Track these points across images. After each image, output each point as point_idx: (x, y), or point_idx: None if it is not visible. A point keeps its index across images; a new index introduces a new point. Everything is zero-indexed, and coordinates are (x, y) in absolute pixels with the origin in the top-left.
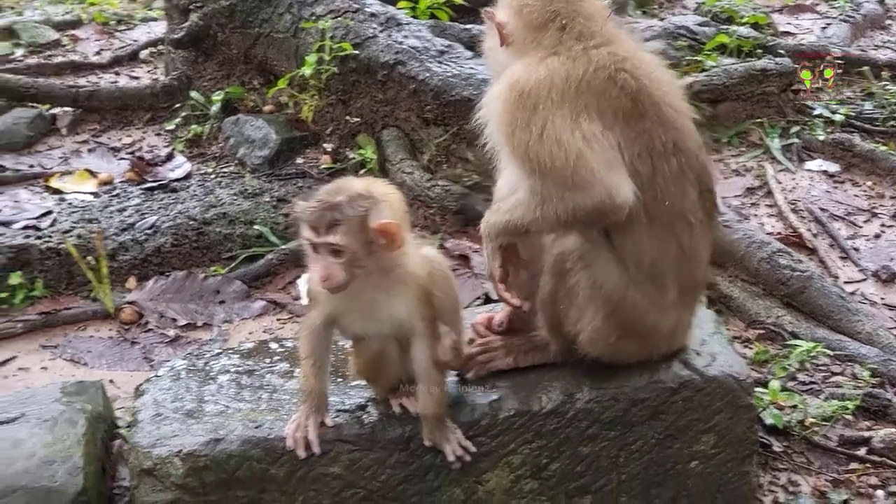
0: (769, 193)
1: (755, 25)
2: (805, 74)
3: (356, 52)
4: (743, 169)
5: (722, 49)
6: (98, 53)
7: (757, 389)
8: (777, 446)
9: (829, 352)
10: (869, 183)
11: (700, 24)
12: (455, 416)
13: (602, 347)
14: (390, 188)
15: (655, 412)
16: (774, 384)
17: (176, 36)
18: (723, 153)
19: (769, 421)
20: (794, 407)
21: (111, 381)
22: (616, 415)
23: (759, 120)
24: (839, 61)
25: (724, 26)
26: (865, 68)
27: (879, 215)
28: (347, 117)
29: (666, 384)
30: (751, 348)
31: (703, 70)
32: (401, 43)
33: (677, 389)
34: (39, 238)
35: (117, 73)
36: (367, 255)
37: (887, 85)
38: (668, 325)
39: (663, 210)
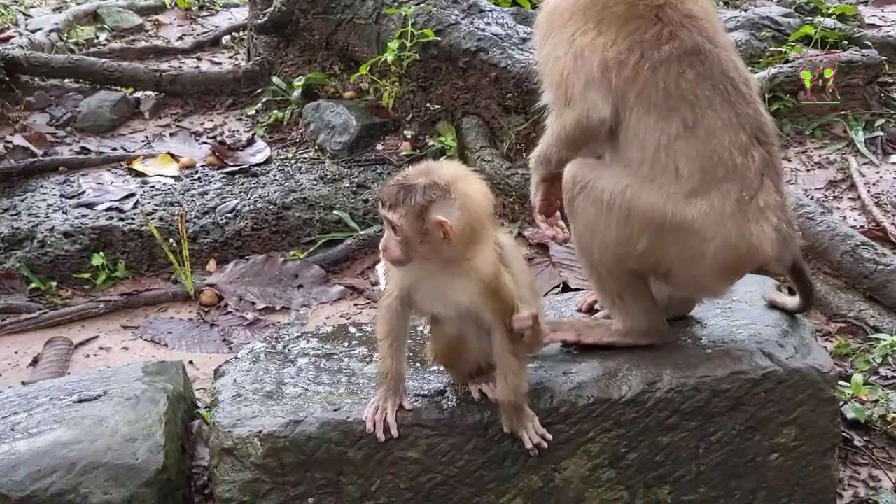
0: (852, 187)
1: (841, 17)
2: (805, 74)
3: (438, 38)
4: (826, 162)
5: (806, 40)
6: (180, 38)
7: (844, 384)
8: (858, 441)
9: None
10: None
11: (784, 15)
12: (534, 403)
13: (637, 263)
14: (477, 187)
15: (737, 403)
16: (857, 378)
17: (259, 21)
18: (806, 145)
19: (851, 415)
20: (876, 402)
21: (190, 363)
22: (697, 405)
23: (843, 112)
24: None
25: (809, 17)
26: None
27: None
28: (428, 104)
29: (748, 375)
30: (832, 342)
31: (787, 61)
32: (483, 30)
33: (759, 381)
34: (122, 220)
35: (199, 59)
36: (420, 243)
37: None
38: (701, 216)
39: (659, 96)
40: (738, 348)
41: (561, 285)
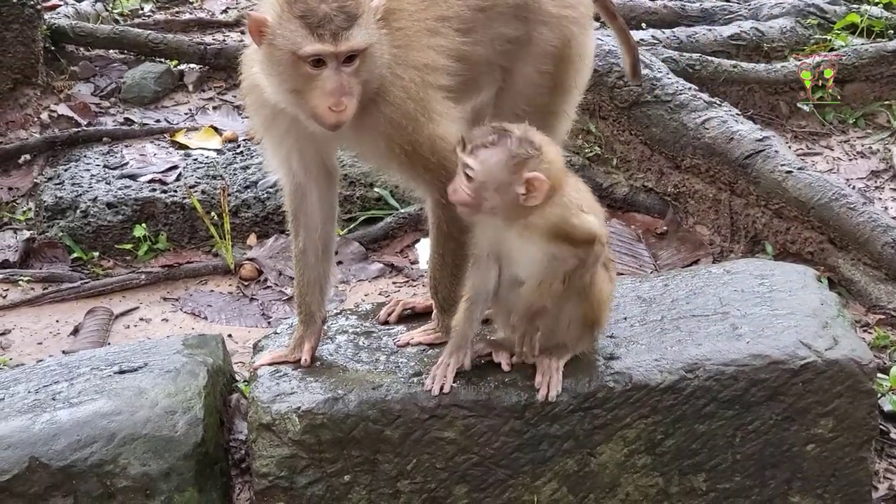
0: (895, 177)
1: (888, 6)
2: (805, 75)
3: None
4: (868, 151)
5: (852, 29)
6: (224, 11)
7: (881, 376)
8: (895, 433)
9: None
10: None
11: (830, 3)
12: (572, 387)
13: None
14: (559, 155)
15: (775, 393)
16: (895, 370)
17: None
18: (849, 134)
19: (888, 407)
20: None
21: (229, 336)
22: (735, 394)
23: (887, 102)
24: None
25: (856, 6)
26: None
27: None
28: None
29: (787, 366)
30: (870, 333)
31: (832, 49)
32: None
33: (798, 371)
34: (165, 192)
35: (243, 32)
36: (494, 191)
37: None
38: None
39: None
40: (776, 338)
41: None
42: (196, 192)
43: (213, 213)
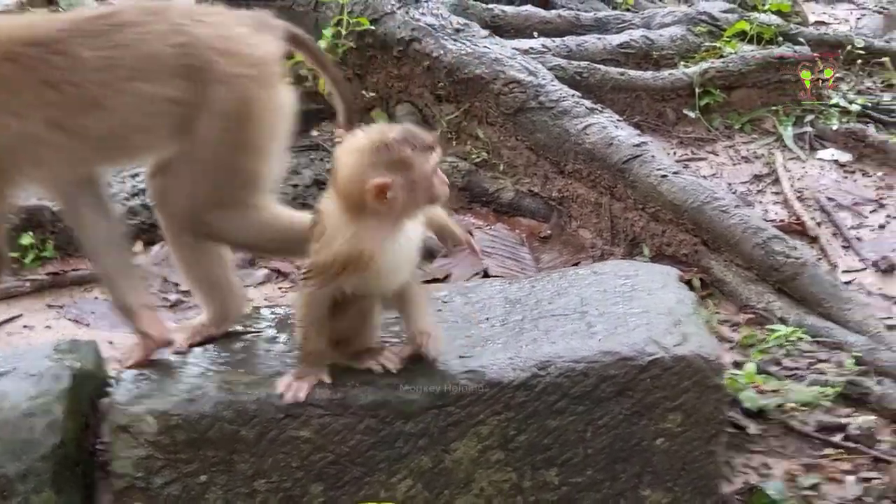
0: (777, 181)
1: (779, 13)
2: (805, 74)
3: (373, 27)
4: (753, 156)
5: (742, 36)
6: None
7: (738, 373)
8: (753, 429)
9: (809, 338)
10: (879, 173)
11: (725, 11)
12: (427, 384)
13: None
14: None
15: (624, 389)
16: (750, 367)
17: None
18: (734, 140)
19: (747, 404)
20: (776, 392)
21: (110, 343)
22: (585, 390)
23: (774, 108)
24: (860, 51)
25: (750, 13)
26: (886, 59)
27: (887, 206)
28: (363, 92)
29: (635, 362)
30: (739, 333)
31: (721, 56)
32: (417, 20)
33: (646, 367)
34: (52, 201)
35: None
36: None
37: None
38: None
39: None
40: (627, 335)
41: (482, 272)
42: None
43: None
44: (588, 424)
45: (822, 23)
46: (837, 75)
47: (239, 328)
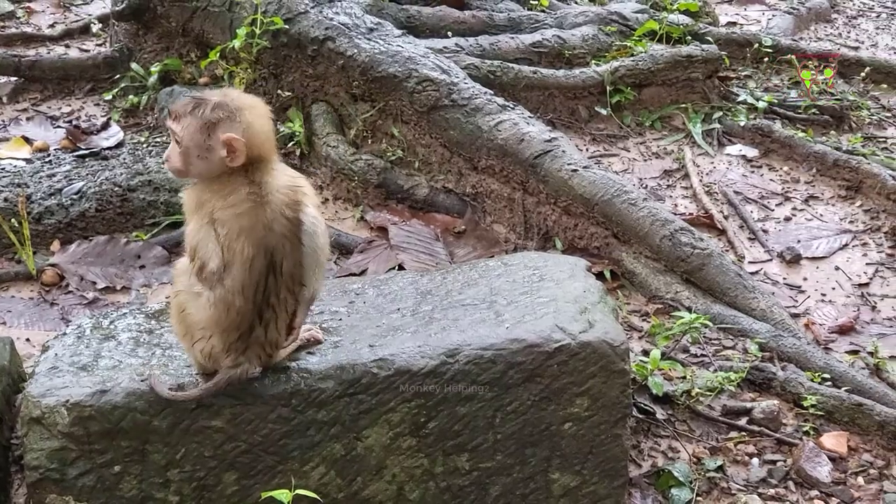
0: (686, 176)
1: (688, 13)
2: (805, 74)
3: (287, 26)
4: (663, 152)
5: (652, 35)
6: (51, 26)
7: (644, 359)
8: (661, 414)
9: (713, 325)
10: (785, 168)
11: (637, 12)
12: (337, 374)
13: None
14: (263, 118)
15: (532, 375)
16: (655, 353)
17: (117, 8)
18: (645, 136)
19: (654, 390)
20: (683, 378)
21: (27, 340)
22: (493, 377)
23: (683, 105)
24: (767, 49)
25: (661, 14)
26: (792, 57)
27: (792, 199)
28: (279, 91)
29: (542, 348)
30: (648, 322)
31: (632, 55)
32: (331, 19)
33: (552, 354)
34: None
35: (68, 46)
36: (198, 157)
37: (814, 74)
38: None
39: None
40: (535, 323)
41: (397, 267)
42: None
43: (14, 221)
44: (497, 410)
45: (734, 23)
46: (745, 73)
47: (153, 323)
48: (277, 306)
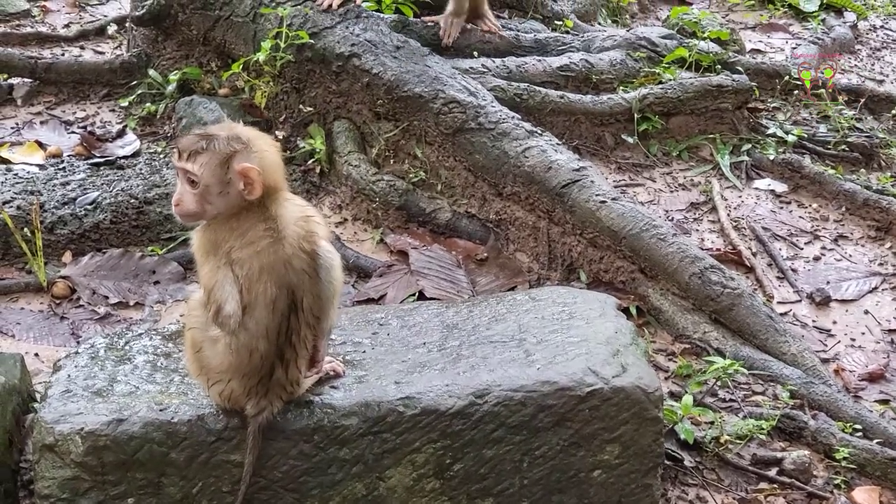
0: (713, 210)
1: (718, 41)
2: (805, 74)
3: (312, 41)
4: (690, 184)
5: (681, 62)
6: (66, 26)
7: (674, 404)
8: (689, 461)
9: (746, 370)
10: (815, 205)
11: (664, 37)
12: (361, 412)
13: None
14: (272, 147)
15: (562, 419)
16: (687, 399)
17: (137, 13)
18: (672, 167)
19: (682, 436)
20: (712, 423)
21: (36, 355)
22: (522, 420)
23: (711, 136)
24: (797, 81)
25: (689, 40)
26: (822, 91)
27: (821, 238)
28: (301, 106)
29: (573, 392)
30: (675, 362)
31: (660, 83)
32: (357, 36)
33: (584, 398)
34: None
35: (82, 48)
36: (218, 194)
37: (843, 109)
38: None
39: None
40: (566, 365)
41: (417, 293)
42: (11, 207)
43: (26, 230)
44: (525, 454)
45: (758, 51)
46: (774, 105)
47: (171, 346)
48: (298, 345)
